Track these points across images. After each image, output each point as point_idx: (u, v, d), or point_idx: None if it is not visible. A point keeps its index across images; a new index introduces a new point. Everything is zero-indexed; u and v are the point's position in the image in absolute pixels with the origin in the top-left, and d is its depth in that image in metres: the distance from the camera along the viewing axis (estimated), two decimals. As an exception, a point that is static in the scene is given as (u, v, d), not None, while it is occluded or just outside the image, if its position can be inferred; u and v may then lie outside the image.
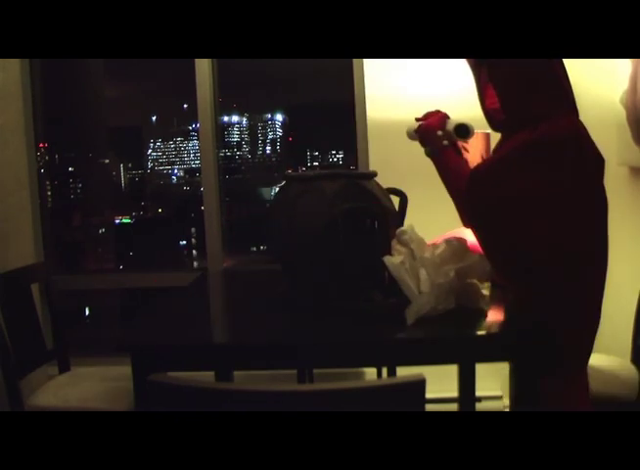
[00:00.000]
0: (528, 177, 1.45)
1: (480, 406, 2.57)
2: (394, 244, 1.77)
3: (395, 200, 1.98)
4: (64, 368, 2.36)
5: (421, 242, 1.75)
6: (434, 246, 1.71)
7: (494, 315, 1.61)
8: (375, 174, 1.95)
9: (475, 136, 2.07)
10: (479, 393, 2.05)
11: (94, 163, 4.09)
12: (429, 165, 1.80)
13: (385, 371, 2.53)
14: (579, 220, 1.45)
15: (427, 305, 1.61)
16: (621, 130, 2.26)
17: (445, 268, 1.63)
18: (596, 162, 1.49)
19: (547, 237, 1.45)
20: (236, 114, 4.09)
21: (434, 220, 1.99)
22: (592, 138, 1.51)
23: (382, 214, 1.84)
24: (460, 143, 1.84)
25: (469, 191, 1.56)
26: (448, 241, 1.70)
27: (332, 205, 1.77)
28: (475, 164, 2.04)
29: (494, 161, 1.57)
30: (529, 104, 1.49)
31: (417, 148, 2.01)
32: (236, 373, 2.50)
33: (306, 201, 1.82)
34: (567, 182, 1.45)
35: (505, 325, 1.57)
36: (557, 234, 1.44)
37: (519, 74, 1.49)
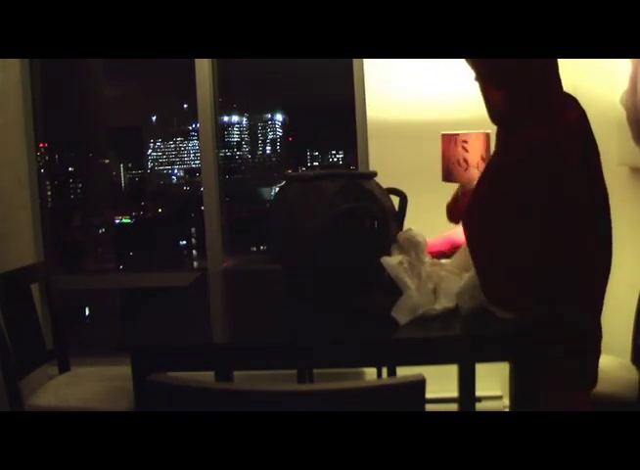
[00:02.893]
0: (530, 179, 1.45)
1: (479, 406, 2.57)
2: (394, 248, 1.77)
3: (395, 200, 1.98)
4: (64, 368, 2.36)
5: (421, 244, 1.75)
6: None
7: (494, 315, 1.61)
8: (375, 174, 1.95)
9: (475, 136, 2.07)
10: (479, 393, 2.05)
11: (94, 163, 4.09)
12: (428, 166, 1.80)
13: (385, 371, 2.53)
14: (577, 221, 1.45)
15: (424, 304, 1.61)
16: (621, 130, 2.26)
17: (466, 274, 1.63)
18: (592, 159, 1.49)
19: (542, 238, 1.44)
20: (236, 114, 4.09)
21: (434, 220, 1.99)
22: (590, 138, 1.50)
23: (382, 214, 1.84)
24: (460, 142, 1.82)
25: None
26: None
27: (332, 205, 1.77)
28: (475, 163, 2.04)
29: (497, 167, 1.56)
30: (518, 105, 1.48)
31: (417, 148, 2.02)
32: (236, 373, 2.50)
33: (306, 201, 1.82)
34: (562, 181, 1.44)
35: (505, 325, 1.57)
36: (552, 235, 1.44)
37: (510, 74, 1.48)
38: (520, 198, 1.45)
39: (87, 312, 4.27)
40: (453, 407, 2.19)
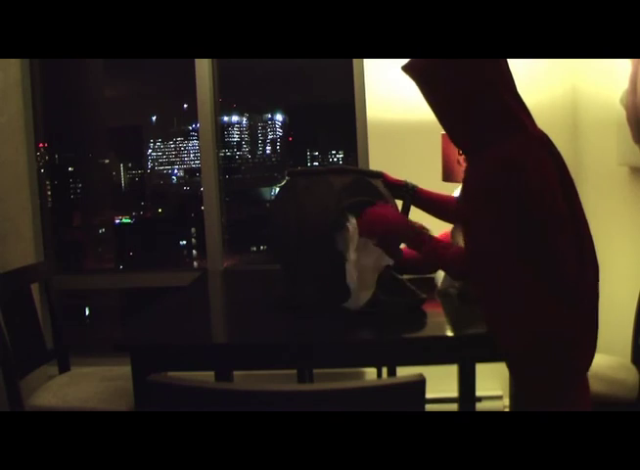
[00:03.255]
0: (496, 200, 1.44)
1: (480, 406, 2.57)
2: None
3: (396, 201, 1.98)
4: (64, 368, 2.36)
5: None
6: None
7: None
8: (381, 175, 1.94)
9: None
10: (479, 393, 2.05)
11: (94, 163, 4.09)
12: (428, 166, 1.80)
13: (385, 371, 2.53)
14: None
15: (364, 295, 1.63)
16: (621, 130, 2.26)
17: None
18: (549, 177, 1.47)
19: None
20: (236, 114, 4.09)
21: (435, 220, 1.99)
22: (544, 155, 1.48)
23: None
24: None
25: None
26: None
27: (332, 204, 1.77)
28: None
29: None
30: (475, 131, 1.47)
31: (417, 148, 2.01)
32: (236, 373, 2.50)
33: (307, 200, 1.81)
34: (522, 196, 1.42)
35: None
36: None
37: (454, 103, 1.48)
38: (487, 221, 1.43)
39: (87, 312, 4.27)
40: (453, 407, 2.18)
